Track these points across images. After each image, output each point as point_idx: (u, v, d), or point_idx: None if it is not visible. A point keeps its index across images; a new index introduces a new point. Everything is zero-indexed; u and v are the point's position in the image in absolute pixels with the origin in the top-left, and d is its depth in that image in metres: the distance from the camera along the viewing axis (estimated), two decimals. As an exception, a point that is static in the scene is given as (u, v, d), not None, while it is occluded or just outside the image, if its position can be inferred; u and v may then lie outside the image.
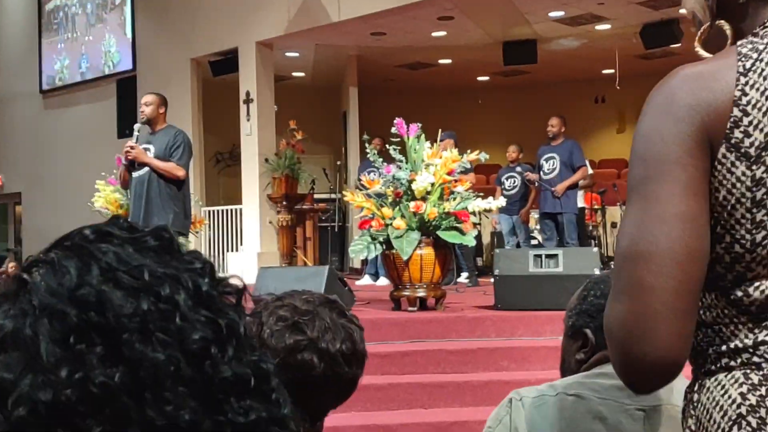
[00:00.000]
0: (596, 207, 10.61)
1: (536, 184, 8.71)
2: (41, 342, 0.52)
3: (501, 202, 6.15)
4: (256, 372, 0.58)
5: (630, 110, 15.03)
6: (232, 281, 0.62)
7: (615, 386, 1.47)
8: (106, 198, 7.29)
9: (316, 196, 10.64)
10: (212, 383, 0.54)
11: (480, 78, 14.32)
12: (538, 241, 10.39)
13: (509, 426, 1.50)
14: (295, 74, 13.17)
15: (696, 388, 1.02)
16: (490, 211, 7.14)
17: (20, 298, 0.55)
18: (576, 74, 13.82)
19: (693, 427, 1.00)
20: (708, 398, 0.99)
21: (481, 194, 6.04)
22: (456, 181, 5.82)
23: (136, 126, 6.11)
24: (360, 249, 5.81)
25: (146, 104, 6.00)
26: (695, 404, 1.01)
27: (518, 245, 9.19)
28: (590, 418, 1.46)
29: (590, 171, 9.52)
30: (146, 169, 5.81)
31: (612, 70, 12.34)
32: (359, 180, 9.95)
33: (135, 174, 5.91)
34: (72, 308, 0.53)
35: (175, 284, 0.56)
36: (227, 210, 11.30)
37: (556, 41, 11.75)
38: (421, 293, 5.81)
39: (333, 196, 10.86)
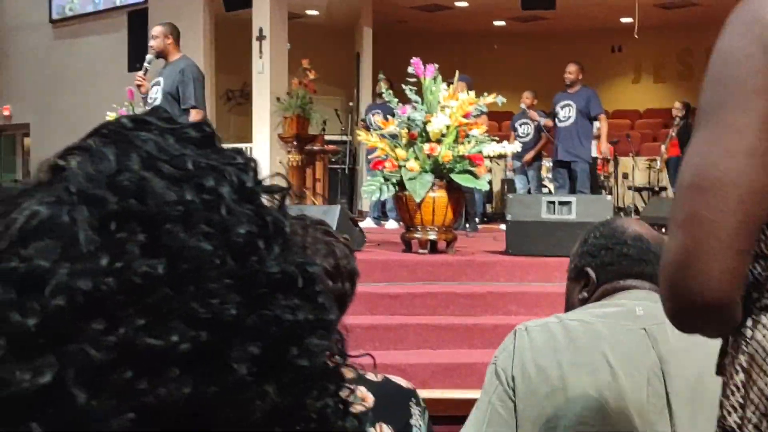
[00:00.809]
0: (608, 158, 10.53)
1: (548, 130, 8.64)
2: (79, 229, 0.49)
3: (516, 146, 6.09)
4: (303, 273, 0.55)
5: (647, 61, 14.86)
6: (276, 181, 0.59)
7: (616, 312, 1.51)
8: (117, 130, 7.23)
9: (326, 137, 10.57)
10: (258, 279, 0.52)
11: (496, 23, 14.11)
12: (549, 189, 10.36)
13: (512, 353, 1.54)
14: (309, 12, 12.98)
15: (750, 324, 0.97)
16: (504, 156, 7.10)
17: (55, 186, 0.52)
18: (594, 22, 13.60)
19: (745, 365, 0.96)
20: (764, 335, 0.95)
21: (497, 139, 5.99)
22: (472, 124, 5.75)
23: (147, 57, 6.03)
24: (373, 190, 5.78)
25: (153, 37, 5.92)
26: (748, 340, 0.96)
27: (529, 192, 9.15)
28: (592, 338, 1.49)
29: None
30: (158, 102, 5.75)
31: (630, 19, 12.14)
32: (363, 120, 9.92)
33: (147, 108, 5.87)
34: (111, 195, 0.50)
35: (219, 176, 0.53)
36: (237, 148, 11.25)
37: (575, -13, 11.54)
38: (432, 236, 5.79)
39: (344, 138, 10.79)
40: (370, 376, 1.50)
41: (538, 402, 1.48)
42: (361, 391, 1.49)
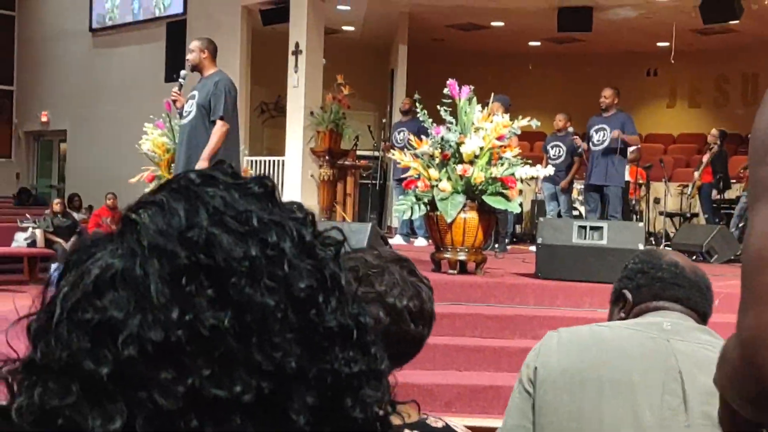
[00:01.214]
0: (641, 182, 10.46)
1: (581, 150, 8.61)
2: (151, 282, 0.52)
3: (549, 170, 6.09)
4: (358, 324, 0.58)
5: (682, 85, 14.76)
6: (332, 233, 0.62)
7: (644, 323, 1.62)
8: (154, 141, 7.32)
9: (358, 152, 10.61)
10: (317, 332, 0.54)
11: (532, 43, 14.11)
12: (580, 212, 10.30)
13: (539, 349, 1.63)
14: (345, 28, 13.07)
15: None
16: (535, 178, 7.08)
17: (128, 238, 0.55)
18: (630, 45, 13.55)
19: None
20: None
21: (529, 161, 5.98)
22: (505, 146, 5.76)
23: (182, 73, 6.15)
24: (404, 209, 5.80)
25: (190, 51, 6.02)
26: None
27: (559, 214, 9.11)
28: (616, 338, 1.59)
29: (638, 145, 9.39)
30: (192, 115, 5.83)
31: (667, 44, 12.09)
32: (386, 141, 9.95)
33: (182, 121, 5.96)
34: (182, 249, 0.53)
35: (281, 231, 0.56)
36: (270, 161, 11.34)
37: (612, 10, 11.51)
38: (462, 257, 5.79)
39: (376, 153, 10.83)
40: (431, 421, 1.46)
41: (556, 394, 1.57)
42: None
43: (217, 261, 0.53)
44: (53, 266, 11.06)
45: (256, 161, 11.36)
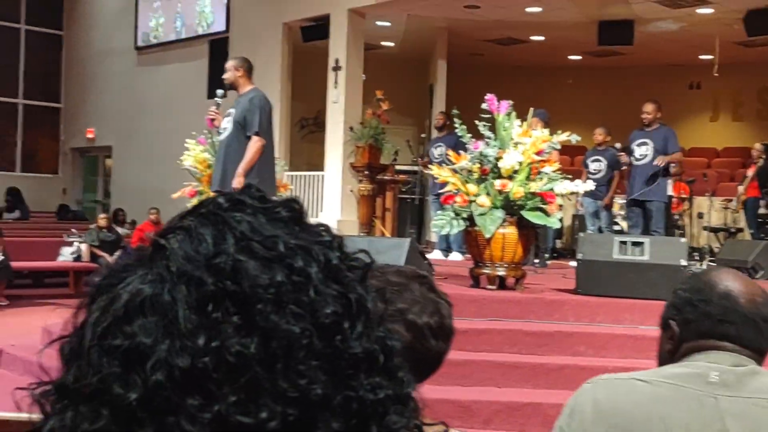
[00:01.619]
0: (684, 196, 10.32)
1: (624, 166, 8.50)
2: (179, 308, 0.53)
3: (589, 185, 6.04)
4: (384, 349, 0.58)
5: (725, 99, 14.55)
6: (360, 256, 0.62)
7: (687, 374, 1.47)
8: (195, 157, 7.43)
9: (397, 167, 10.64)
10: (342, 358, 0.55)
11: (572, 57, 14.04)
12: (621, 227, 10.18)
13: (572, 414, 1.53)
14: (384, 44, 13.14)
15: None
16: (575, 193, 7.02)
17: (157, 264, 0.56)
18: (672, 58, 13.41)
19: None
20: None
21: (569, 176, 5.94)
22: (544, 161, 5.73)
23: (218, 92, 6.31)
24: (443, 224, 5.79)
25: (226, 70, 6.15)
26: None
27: (600, 230, 9.02)
28: (655, 405, 1.45)
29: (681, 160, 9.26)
30: (228, 132, 5.95)
31: (710, 56, 11.93)
32: (422, 157, 9.95)
33: (219, 138, 6.12)
34: (209, 276, 0.54)
35: (307, 256, 0.56)
36: (309, 176, 11.42)
37: (654, 23, 11.41)
38: (501, 272, 5.76)
39: (415, 168, 10.85)
40: None
41: None
42: None
43: (243, 288, 0.53)
44: (63, 250, 11.16)
45: (296, 176, 11.45)
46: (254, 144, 5.79)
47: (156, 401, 0.51)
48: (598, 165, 9.33)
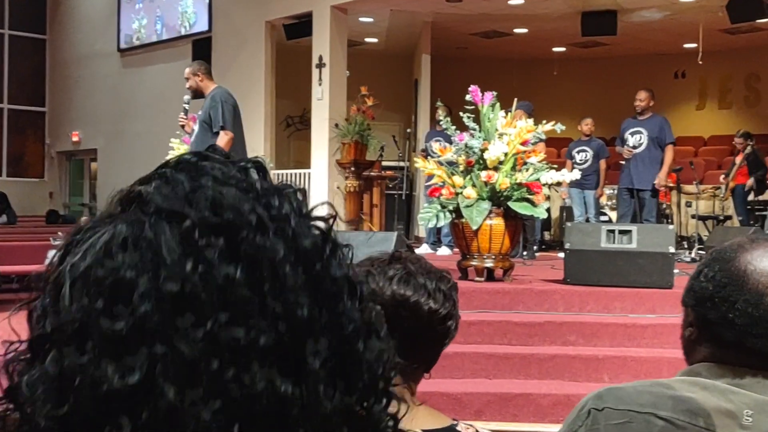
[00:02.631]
0: (671, 185, 10.33)
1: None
2: (162, 243, 0.53)
3: (575, 174, 6.03)
4: (359, 284, 0.61)
5: (711, 87, 14.58)
6: (324, 207, 0.65)
7: (716, 411, 1.18)
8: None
9: (384, 163, 10.62)
10: (324, 282, 0.57)
11: (556, 49, 14.03)
12: (609, 217, 10.19)
13: None
14: (368, 40, 13.11)
15: None
16: (560, 184, 7.02)
17: (133, 210, 0.56)
18: (656, 47, 13.43)
19: None
20: None
21: (555, 166, 5.93)
22: (530, 151, 5.71)
23: (185, 98, 6.39)
24: (429, 217, 5.77)
25: (186, 80, 6.22)
26: None
27: (587, 221, 9.02)
28: None
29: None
30: (195, 132, 6.22)
31: (694, 45, 11.95)
32: (422, 151, 9.92)
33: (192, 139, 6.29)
34: (189, 209, 0.55)
35: (281, 197, 0.58)
36: (296, 174, 11.39)
37: (637, 13, 11.41)
38: (489, 264, 5.75)
39: (401, 163, 10.83)
40: (462, 427, 1.49)
41: None
42: None
43: (225, 216, 0.55)
44: (49, 253, 11.17)
45: (282, 174, 11.41)
46: (222, 138, 5.84)
47: (146, 328, 0.51)
48: (584, 155, 9.34)
